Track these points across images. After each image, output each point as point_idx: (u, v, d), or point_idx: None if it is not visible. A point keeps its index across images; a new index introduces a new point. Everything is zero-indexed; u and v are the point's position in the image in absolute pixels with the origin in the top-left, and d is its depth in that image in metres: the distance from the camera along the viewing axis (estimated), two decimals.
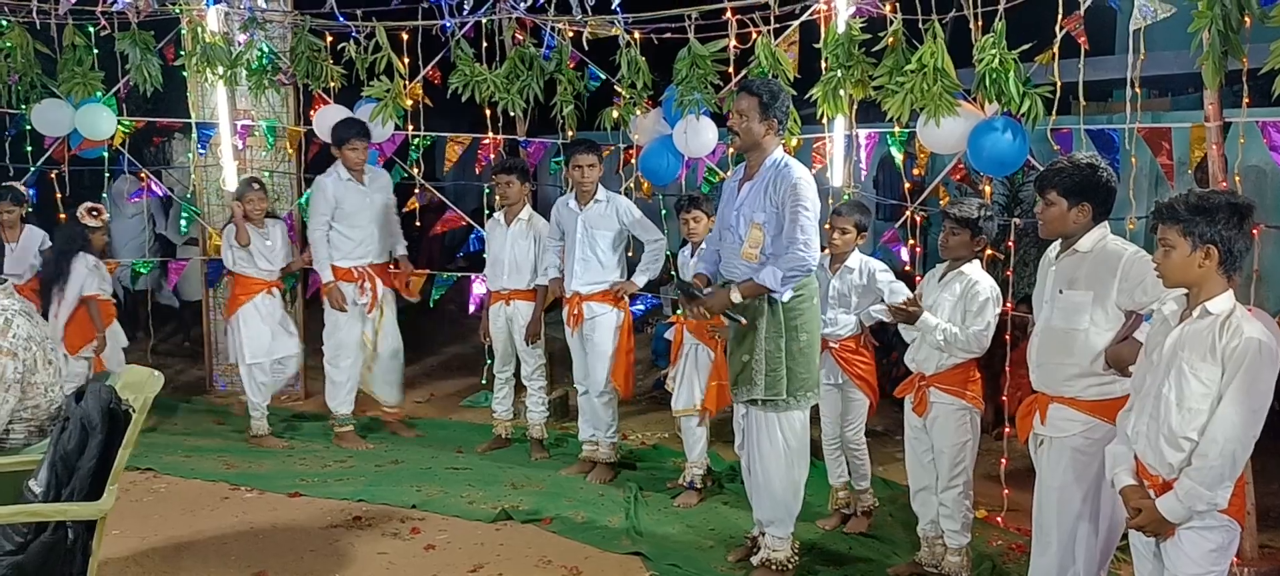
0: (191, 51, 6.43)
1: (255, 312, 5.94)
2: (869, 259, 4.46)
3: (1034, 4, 4.60)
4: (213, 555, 4.32)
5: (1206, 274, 2.61)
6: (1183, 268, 2.64)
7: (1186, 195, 2.64)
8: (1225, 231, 2.58)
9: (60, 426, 3.09)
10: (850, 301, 4.43)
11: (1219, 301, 2.61)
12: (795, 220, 3.76)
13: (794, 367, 3.89)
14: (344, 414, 6.02)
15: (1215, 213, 2.58)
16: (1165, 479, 2.67)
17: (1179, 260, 2.63)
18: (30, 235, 6.01)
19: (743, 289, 3.83)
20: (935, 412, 3.96)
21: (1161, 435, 2.65)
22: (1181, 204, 2.63)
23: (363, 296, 5.88)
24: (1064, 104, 4.52)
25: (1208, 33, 3.64)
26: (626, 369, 5.34)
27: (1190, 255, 2.61)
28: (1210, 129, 3.94)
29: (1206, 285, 2.62)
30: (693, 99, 5.37)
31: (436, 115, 6.59)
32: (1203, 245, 2.59)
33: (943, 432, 3.96)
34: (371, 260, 5.91)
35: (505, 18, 6.17)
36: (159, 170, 8.38)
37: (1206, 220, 2.58)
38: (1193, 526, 2.64)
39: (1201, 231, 2.59)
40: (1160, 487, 2.68)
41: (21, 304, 3.42)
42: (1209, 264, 2.60)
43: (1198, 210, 2.60)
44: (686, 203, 4.92)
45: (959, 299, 3.89)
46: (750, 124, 3.87)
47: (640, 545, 4.42)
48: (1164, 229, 2.67)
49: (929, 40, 4.59)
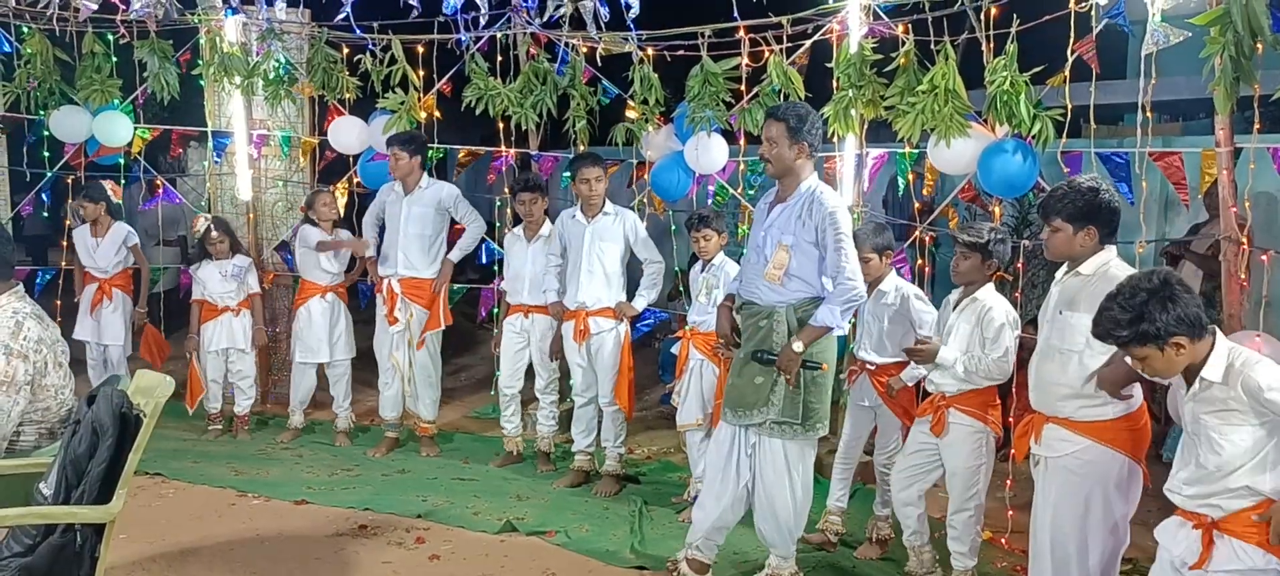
0: (210, 61, 6.50)
1: (308, 315, 6.13)
2: (905, 283, 4.43)
3: (1046, 27, 4.62)
4: (219, 561, 4.34)
5: (1190, 353, 2.61)
6: (1169, 366, 2.66)
7: (1111, 312, 2.67)
8: (1169, 317, 2.58)
9: (71, 430, 3.11)
10: (883, 326, 4.40)
11: (1212, 366, 2.62)
12: (840, 252, 3.76)
13: (809, 399, 3.87)
14: (388, 419, 6.14)
15: (1146, 314, 2.59)
16: (1212, 519, 2.66)
17: (1161, 364, 2.66)
18: (117, 231, 6.36)
19: (804, 337, 3.78)
20: (953, 434, 3.93)
21: (1215, 492, 2.64)
22: (1114, 326, 2.66)
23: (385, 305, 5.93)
24: (1075, 127, 4.52)
25: (1220, 58, 3.65)
26: (628, 387, 5.35)
27: (1165, 354, 2.63)
28: (1221, 154, 3.94)
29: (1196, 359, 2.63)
30: (704, 116, 5.40)
31: (446, 128, 6.64)
32: (1167, 343, 2.61)
33: (957, 454, 3.94)
34: (402, 275, 5.86)
35: (520, 32, 6.22)
36: (174, 177, 8.45)
37: (1148, 324, 2.59)
38: (1238, 570, 2.61)
39: (1153, 334, 2.60)
40: (1206, 526, 2.66)
41: (32, 307, 3.46)
42: (1185, 347, 2.61)
43: (1132, 321, 2.62)
44: (697, 221, 4.90)
45: (975, 326, 3.87)
46: (780, 150, 3.87)
47: (644, 559, 4.41)
48: (1127, 351, 2.72)
49: (941, 61, 4.60)
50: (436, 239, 5.93)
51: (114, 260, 6.33)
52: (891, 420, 4.46)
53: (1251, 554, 2.59)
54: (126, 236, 6.36)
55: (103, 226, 6.32)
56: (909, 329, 4.35)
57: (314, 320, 6.14)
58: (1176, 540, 2.75)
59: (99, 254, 6.30)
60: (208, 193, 7.26)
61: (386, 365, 6.04)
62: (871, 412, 4.51)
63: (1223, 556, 2.63)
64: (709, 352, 4.86)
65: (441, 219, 5.94)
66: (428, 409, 6.10)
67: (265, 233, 7.00)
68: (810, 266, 3.84)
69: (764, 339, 3.87)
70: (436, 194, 5.90)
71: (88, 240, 6.34)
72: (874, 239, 4.37)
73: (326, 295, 6.14)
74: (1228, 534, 2.63)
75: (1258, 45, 3.60)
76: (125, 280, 6.39)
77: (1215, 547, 2.64)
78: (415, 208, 5.85)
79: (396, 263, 5.87)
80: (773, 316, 3.87)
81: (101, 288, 6.30)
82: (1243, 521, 2.61)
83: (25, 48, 6.43)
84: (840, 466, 4.62)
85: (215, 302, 6.20)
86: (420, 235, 5.86)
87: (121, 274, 6.37)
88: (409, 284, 5.86)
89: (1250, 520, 2.60)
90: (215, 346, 6.23)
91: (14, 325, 3.33)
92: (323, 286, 6.14)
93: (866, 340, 4.45)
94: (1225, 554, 2.63)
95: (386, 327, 5.96)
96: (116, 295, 6.33)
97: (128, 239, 6.36)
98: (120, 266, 6.36)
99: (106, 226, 6.33)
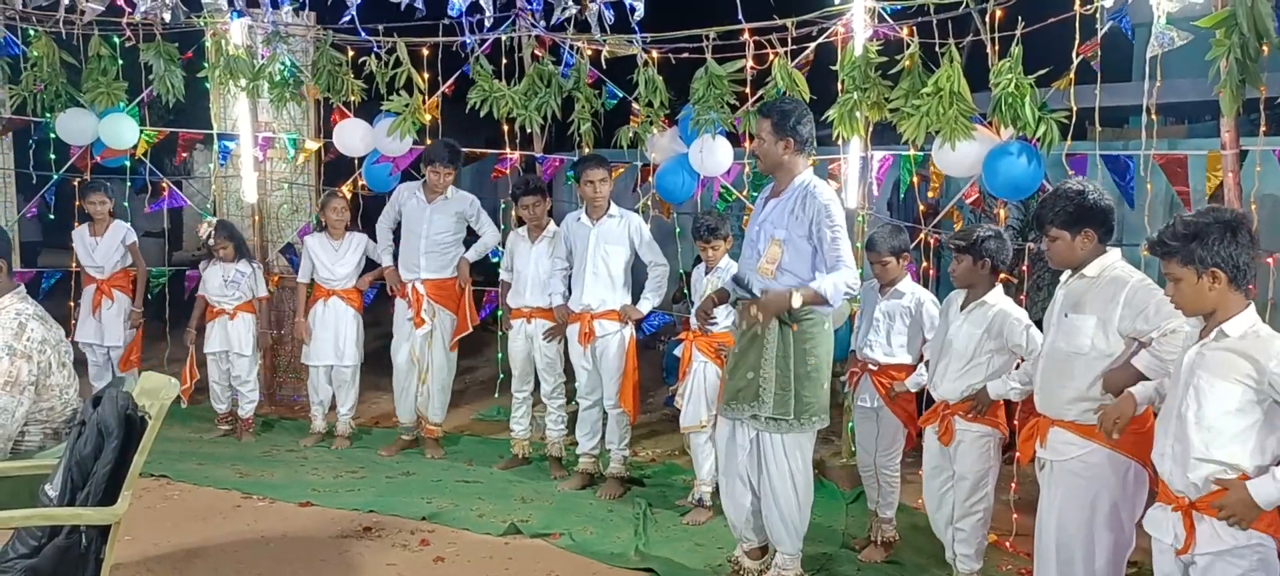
0: (215, 63, 6.52)
1: (316, 318, 6.16)
2: (922, 289, 4.43)
3: (1051, 29, 4.62)
4: (223, 563, 4.35)
5: (1220, 296, 2.61)
6: (1196, 297, 2.64)
7: (1173, 225, 2.65)
8: (1223, 250, 2.58)
9: (76, 431, 3.12)
10: (893, 325, 4.39)
11: (1236, 322, 2.61)
12: (836, 242, 3.79)
13: (800, 391, 3.89)
14: (404, 421, 6.17)
15: (1207, 235, 2.59)
16: (1190, 499, 2.66)
17: (1189, 290, 2.64)
18: (116, 230, 6.37)
19: (804, 294, 3.76)
20: (959, 439, 3.93)
21: (1188, 455, 2.64)
22: (1172, 235, 2.63)
23: (408, 310, 5.94)
24: (1080, 129, 4.52)
25: (1225, 61, 3.64)
26: (633, 390, 5.35)
27: (1198, 282, 2.61)
28: (1226, 156, 3.93)
29: (1224, 307, 2.62)
30: (708, 118, 5.40)
31: (450, 130, 6.65)
32: (1207, 270, 2.59)
33: (965, 459, 3.93)
34: (423, 277, 5.90)
35: (525, 35, 6.23)
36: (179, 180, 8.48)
37: (1201, 244, 2.59)
38: (1221, 551, 2.61)
39: (1201, 256, 2.59)
40: (1184, 508, 2.66)
41: (34, 308, 3.47)
42: (1219, 286, 2.60)
43: (1190, 237, 2.60)
44: (706, 233, 4.83)
45: (988, 332, 3.84)
46: (767, 146, 3.93)
47: (648, 562, 4.41)
48: (1165, 264, 2.67)
49: (945, 64, 4.60)
50: (455, 244, 5.99)
51: (113, 260, 6.33)
52: (893, 422, 4.46)
53: (1234, 532, 2.59)
54: (124, 235, 6.36)
55: (102, 226, 6.32)
56: (920, 334, 4.35)
57: (323, 322, 6.15)
58: (1164, 529, 2.76)
59: (98, 253, 6.30)
60: (213, 195, 7.27)
61: (404, 368, 6.04)
62: (874, 414, 4.50)
63: (1205, 537, 2.64)
64: (713, 355, 4.87)
65: (461, 226, 6.00)
66: (437, 411, 6.12)
67: (271, 235, 7.02)
68: (802, 261, 3.86)
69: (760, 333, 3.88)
70: (460, 204, 5.97)
71: (87, 240, 6.34)
72: (890, 242, 4.37)
73: (328, 300, 6.14)
74: (1206, 514, 2.63)
75: (1263, 48, 3.60)
76: (124, 280, 6.39)
77: (1197, 529, 2.65)
78: (438, 216, 5.90)
79: (419, 267, 5.90)
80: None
81: (100, 288, 6.31)
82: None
83: (32, 50, 6.45)
84: (866, 473, 4.61)
85: (214, 304, 6.23)
86: (443, 242, 5.92)
87: (120, 273, 6.36)
88: (434, 286, 5.91)
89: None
90: (213, 348, 6.24)
91: (17, 326, 3.35)
92: (330, 290, 6.14)
93: (873, 338, 4.44)
94: (1207, 534, 2.64)
95: (406, 332, 5.98)
96: (117, 296, 6.34)
97: (126, 238, 6.36)
98: (118, 266, 6.35)
99: (106, 226, 6.33)
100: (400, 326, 6.05)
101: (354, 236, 6.21)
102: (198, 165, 10.89)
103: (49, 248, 11.11)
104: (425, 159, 5.95)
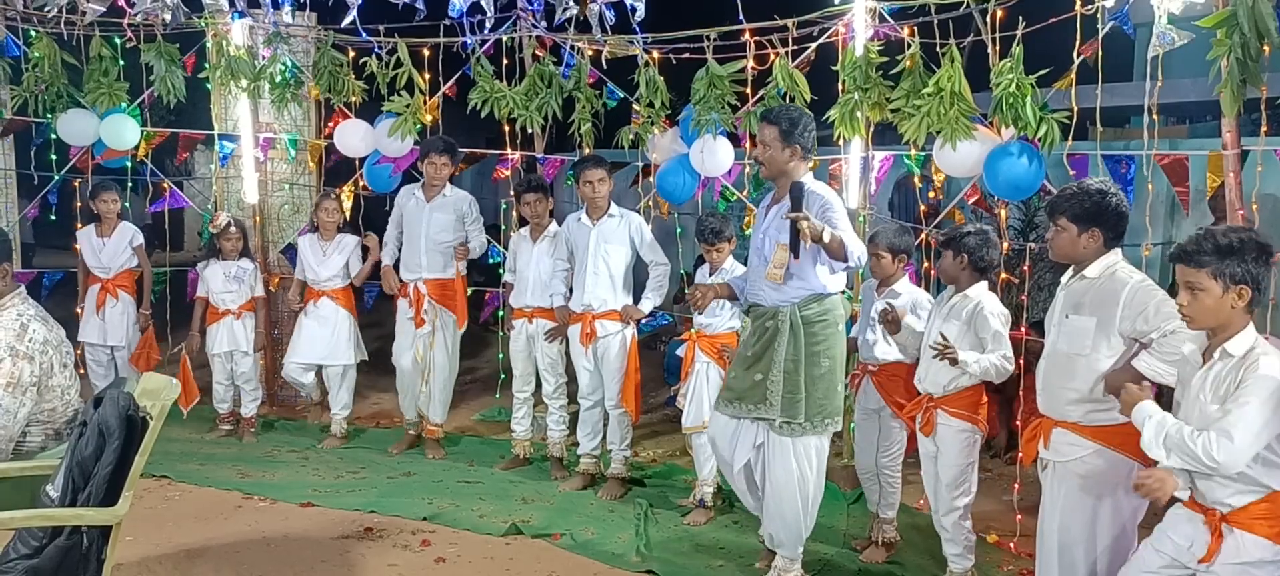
0: (216, 64, 6.52)
1: (305, 318, 6.18)
2: (918, 290, 4.43)
3: (1052, 29, 4.62)
4: (224, 563, 4.35)
5: (1238, 314, 2.61)
6: (1215, 310, 2.63)
7: (1209, 236, 2.63)
8: (1254, 269, 2.58)
9: (77, 432, 3.12)
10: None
11: (1238, 342, 2.62)
12: (839, 228, 3.73)
13: (812, 393, 3.88)
14: (409, 418, 6.20)
15: (1244, 252, 2.58)
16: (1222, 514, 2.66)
17: (1211, 302, 2.62)
18: (123, 231, 6.36)
19: (834, 238, 3.62)
20: (941, 434, 3.96)
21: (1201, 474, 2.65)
22: (1208, 245, 2.61)
23: (410, 309, 5.94)
24: (1081, 129, 4.51)
25: (1226, 61, 3.64)
26: (634, 390, 5.35)
27: (1222, 296, 2.61)
28: (1228, 157, 3.93)
29: (1234, 324, 2.62)
30: (710, 119, 5.40)
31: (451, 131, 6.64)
32: (1235, 286, 2.59)
33: (946, 454, 3.96)
34: (425, 277, 5.91)
35: (526, 36, 6.23)
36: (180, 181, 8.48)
37: (1237, 260, 2.58)
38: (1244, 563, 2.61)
39: (1233, 271, 2.58)
40: (1216, 521, 2.67)
41: (36, 309, 3.47)
42: (1241, 303, 2.60)
43: (1227, 251, 2.59)
44: (711, 236, 4.81)
45: (966, 324, 3.88)
46: (773, 153, 3.92)
47: (650, 563, 4.41)
48: (1189, 272, 2.65)
49: (946, 64, 4.60)
50: (453, 243, 5.99)
51: (119, 261, 6.34)
52: (894, 423, 4.46)
53: (1261, 547, 2.60)
54: (132, 236, 6.37)
55: (110, 226, 6.33)
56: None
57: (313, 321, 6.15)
58: (1180, 531, 2.76)
59: (105, 253, 6.30)
60: (214, 196, 7.27)
61: (409, 371, 6.05)
62: (875, 415, 4.50)
63: (1229, 550, 2.64)
64: (715, 355, 4.87)
65: (461, 227, 6.00)
66: (438, 411, 6.12)
67: (272, 235, 7.03)
68: (808, 264, 3.86)
69: (771, 339, 3.88)
70: (456, 202, 5.97)
71: (94, 240, 6.35)
72: (891, 238, 4.37)
73: (318, 301, 6.15)
74: (1236, 527, 2.63)
75: (1264, 48, 3.60)
76: (129, 280, 6.40)
77: (1224, 541, 2.65)
78: (437, 214, 5.91)
79: (421, 267, 5.90)
80: (778, 316, 3.90)
81: (105, 288, 6.31)
82: (1250, 515, 2.62)
83: (33, 51, 6.45)
84: (865, 475, 4.62)
85: (217, 304, 6.22)
86: (443, 241, 5.92)
87: (124, 274, 6.37)
88: (435, 286, 5.92)
89: (1257, 514, 2.61)
90: (219, 349, 6.25)
91: (19, 327, 3.35)
92: (318, 291, 6.15)
93: (871, 337, 4.44)
94: (1231, 547, 2.64)
95: (408, 331, 5.98)
96: (121, 296, 6.35)
97: (133, 239, 6.37)
98: (124, 267, 6.37)
99: (113, 226, 6.34)
100: (403, 328, 6.04)
101: (343, 238, 6.20)
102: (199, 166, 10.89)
103: (43, 248, 11.12)
104: (422, 152, 5.95)
